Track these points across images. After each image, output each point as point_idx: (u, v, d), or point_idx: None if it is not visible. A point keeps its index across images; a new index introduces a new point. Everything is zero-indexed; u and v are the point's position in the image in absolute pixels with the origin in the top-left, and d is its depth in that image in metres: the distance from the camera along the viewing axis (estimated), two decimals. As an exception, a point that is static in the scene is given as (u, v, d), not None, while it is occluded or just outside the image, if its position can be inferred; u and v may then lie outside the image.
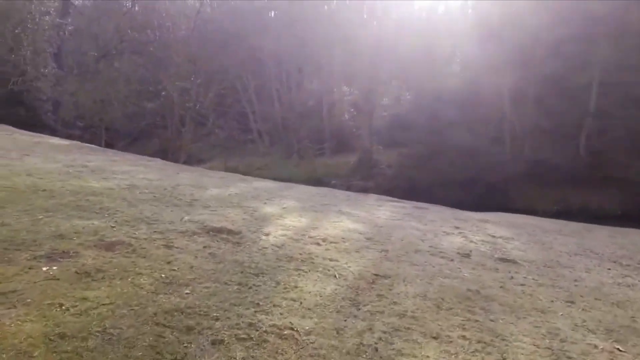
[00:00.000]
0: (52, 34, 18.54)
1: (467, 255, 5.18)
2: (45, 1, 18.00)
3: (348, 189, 24.72)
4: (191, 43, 21.16)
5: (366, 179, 25.26)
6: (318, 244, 4.84)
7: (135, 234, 4.20)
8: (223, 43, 23.48)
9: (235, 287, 3.25)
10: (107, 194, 5.82)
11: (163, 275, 3.27)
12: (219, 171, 13.92)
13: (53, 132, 17.46)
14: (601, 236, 7.92)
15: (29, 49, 16.85)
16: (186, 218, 5.13)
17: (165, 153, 22.93)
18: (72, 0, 22.97)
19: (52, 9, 18.52)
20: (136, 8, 25.69)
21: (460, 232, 6.51)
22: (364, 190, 23.14)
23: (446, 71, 30.11)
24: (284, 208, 6.74)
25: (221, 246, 4.18)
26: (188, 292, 3.05)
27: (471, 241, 6.01)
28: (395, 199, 10.35)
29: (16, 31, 16.36)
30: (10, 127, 12.88)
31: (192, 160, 28.24)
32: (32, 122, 17.13)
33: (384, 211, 7.88)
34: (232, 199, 6.88)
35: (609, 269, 5.28)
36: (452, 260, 4.91)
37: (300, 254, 4.32)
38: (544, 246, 6.27)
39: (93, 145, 12.89)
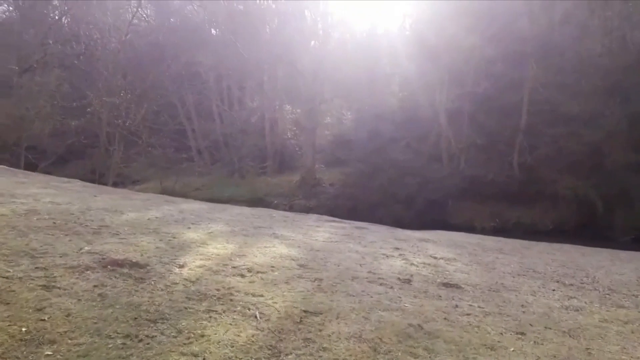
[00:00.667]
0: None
1: (408, 281, 4.73)
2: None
3: (290, 208, 24.19)
4: (122, 56, 19.92)
5: (309, 198, 24.82)
6: (242, 275, 4.21)
7: (9, 271, 3.40)
8: (158, 57, 22.40)
9: (120, 341, 2.55)
10: (-7, 222, 4.91)
11: (24, 330, 2.53)
12: (147, 193, 12.93)
13: (-40, 152, 15.64)
14: (540, 253, 7.81)
15: None
16: (86, 249, 4.35)
17: (96, 174, 21.33)
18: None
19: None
20: (64, 20, 24.09)
21: (400, 254, 6.09)
22: (307, 209, 22.70)
23: (386, 90, 30.54)
24: (209, 233, 6.05)
25: (118, 284, 3.46)
26: (50, 353, 2.34)
27: (412, 264, 5.60)
28: (336, 219, 9.89)
29: None
30: None
31: (127, 181, 26.53)
32: None
33: (323, 233, 7.37)
34: (150, 224, 6.11)
35: (554, 290, 5.01)
36: (391, 287, 4.44)
37: (218, 290, 3.67)
38: (486, 267, 5.98)
39: (1, 166, 11.55)
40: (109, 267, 3.82)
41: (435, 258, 6.14)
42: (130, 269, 3.87)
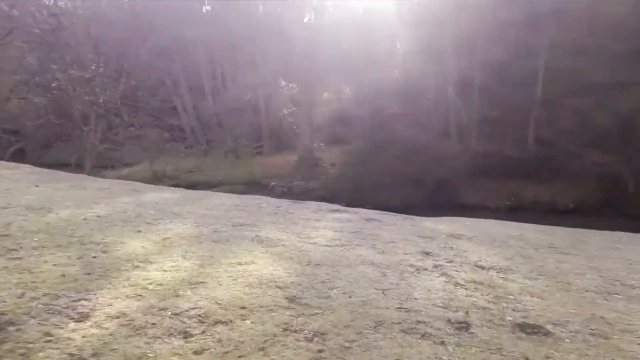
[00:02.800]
0: None
1: (466, 326, 2.94)
2: None
3: (289, 190, 22.53)
4: (93, 27, 17.85)
5: (308, 179, 23.15)
6: (185, 333, 2.41)
7: None
8: (137, 29, 20.32)
9: None
10: None
11: None
12: (113, 180, 11.13)
13: None
14: (605, 250, 6.02)
15: None
16: None
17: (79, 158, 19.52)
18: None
19: None
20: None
21: (435, 265, 4.29)
22: (307, 191, 20.99)
23: (387, 62, 28.65)
24: (163, 240, 4.25)
25: None
26: None
27: (457, 283, 3.81)
28: (339, 208, 8.06)
29: None
30: None
31: (117, 165, 24.74)
32: None
33: (324, 230, 5.57)
34: (80, 228, 4.30)
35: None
36: (442, 342, 2.65)
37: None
38: (558, 282, 4.18)
39: None
40: None
41: (483, 268, 4.35)
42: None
